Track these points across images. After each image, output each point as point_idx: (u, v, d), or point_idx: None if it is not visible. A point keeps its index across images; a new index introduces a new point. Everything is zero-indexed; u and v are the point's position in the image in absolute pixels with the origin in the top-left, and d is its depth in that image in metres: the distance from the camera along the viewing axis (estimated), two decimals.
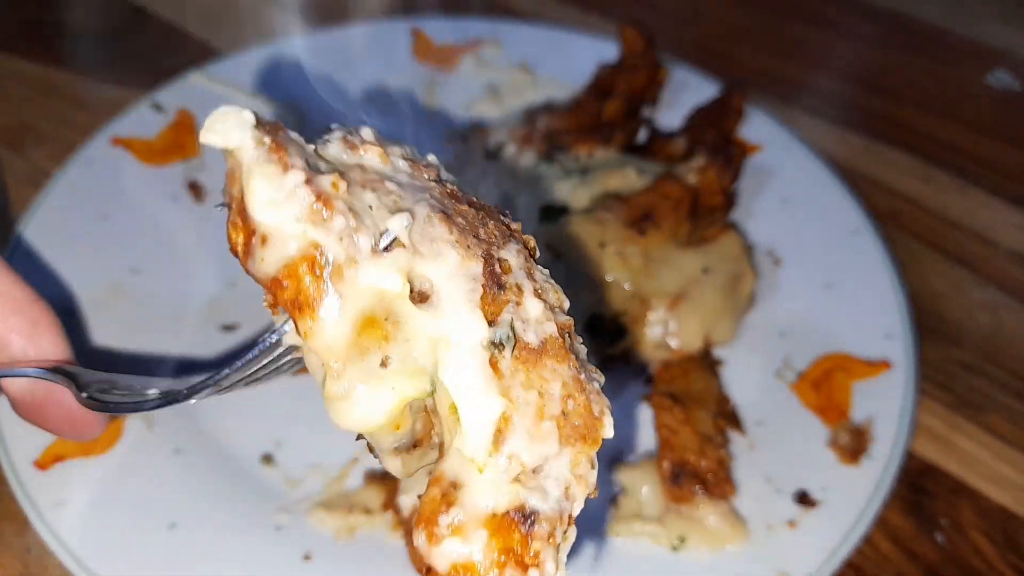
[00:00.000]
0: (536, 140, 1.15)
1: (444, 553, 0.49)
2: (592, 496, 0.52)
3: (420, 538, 0.50)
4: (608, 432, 0.52)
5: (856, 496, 0.86)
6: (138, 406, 0.62)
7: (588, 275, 0.98)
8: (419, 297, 0.51)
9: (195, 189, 1.12)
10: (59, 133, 1.19)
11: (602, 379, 0.53)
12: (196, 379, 0.60)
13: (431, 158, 0.57)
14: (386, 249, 0.50)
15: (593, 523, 0.85)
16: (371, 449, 0.57)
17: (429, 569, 0.50)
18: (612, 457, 0.90)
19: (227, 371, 0.58)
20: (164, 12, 1.42)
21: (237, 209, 0.49)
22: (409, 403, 0.52)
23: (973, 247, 1.18)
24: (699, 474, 0.85)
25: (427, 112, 1.26)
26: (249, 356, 0.57)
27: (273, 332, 0.55)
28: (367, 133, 0.54)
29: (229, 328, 0.99)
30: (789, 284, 1.06)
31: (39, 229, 1.02)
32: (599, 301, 0.97)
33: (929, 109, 1.38)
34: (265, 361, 0.58)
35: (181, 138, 1.16)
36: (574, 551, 0.83)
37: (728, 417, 0.93)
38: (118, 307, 0.98)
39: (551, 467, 0.50)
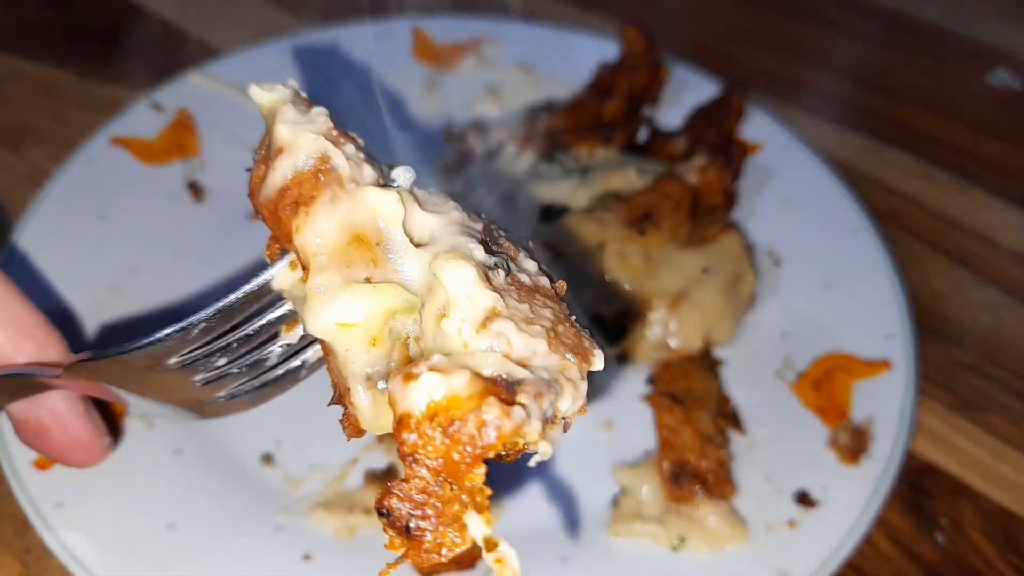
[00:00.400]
0: (536, 140, 1.15)
1: (421, 388, 0.44)
2: (583, 413, 0.49)
3: (395, 382, 0.45)
4: (599, 363, 0.49)
5: (856, 496, 0.86)
6: (122, 347, 0.62)
7: (588, 275, 0.98)
8: (416, 243, 0.51)
9: (194, 189, 1.12)
10: (59, 133, 1.19)
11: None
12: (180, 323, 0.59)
13: None
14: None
15: (593, 523, 0.85)
16: (341, 400, 0.54)
17: (402, 420, 0.44)
18: (612, 456, 0.90)
19: (213, 309, 0.58)
20: (164, 11, 1.42)
21: (265, 153, 0.53)
22: (389, 322, 0.51)
23: (973, 247, 1.18)
24: (699, 474, 0.85)
25: (425, 113, 1.26)
26: (235, 296, 0.57)
27: (265, 270, 0.56)
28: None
29: None
30: (789, 284, 1.06)
31: (38, 229, 1.02)
32: (599, 301, 0.97)
33: (929, 109, 1.38)
34: (251, 311, 0.57)
35: (181, 138, 1.16)
36: (575, 552, 0.83)
37: (728, 417, 0.93)
38: (116, 307, 0.98)
39: (540, 362, 0.47)
